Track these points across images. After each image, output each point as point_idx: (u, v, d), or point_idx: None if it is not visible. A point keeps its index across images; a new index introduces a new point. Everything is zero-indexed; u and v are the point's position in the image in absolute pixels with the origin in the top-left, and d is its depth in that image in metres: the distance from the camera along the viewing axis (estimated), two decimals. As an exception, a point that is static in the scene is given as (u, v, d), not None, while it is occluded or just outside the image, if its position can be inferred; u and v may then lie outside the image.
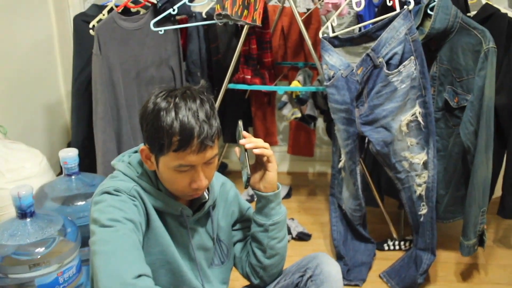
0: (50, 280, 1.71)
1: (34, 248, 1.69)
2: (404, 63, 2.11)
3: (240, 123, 1.50)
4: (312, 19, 2.99)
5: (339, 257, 2.45)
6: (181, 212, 1.42)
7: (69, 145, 3.13)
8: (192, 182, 1.34)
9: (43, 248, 1.69)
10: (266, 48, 2.82)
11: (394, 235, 2.62)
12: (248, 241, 1.60)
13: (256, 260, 1.55)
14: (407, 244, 2.59)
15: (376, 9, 2.68)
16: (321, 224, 2.87)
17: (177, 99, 1.28)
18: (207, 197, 1.49)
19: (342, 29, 2.39)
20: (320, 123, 3.31)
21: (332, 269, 1.51)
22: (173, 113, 1.26)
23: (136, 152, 1.50)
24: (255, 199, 1.50)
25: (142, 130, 1.35)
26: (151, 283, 1.20)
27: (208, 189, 1.51)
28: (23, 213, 1.74)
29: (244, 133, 1.46)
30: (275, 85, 2.94)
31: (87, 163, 2.42)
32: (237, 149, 1.50)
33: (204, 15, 2.83)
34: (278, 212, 1.52)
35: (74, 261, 1.80)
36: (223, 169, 3.48)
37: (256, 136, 3.23)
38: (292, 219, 2.82)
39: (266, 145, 1.45)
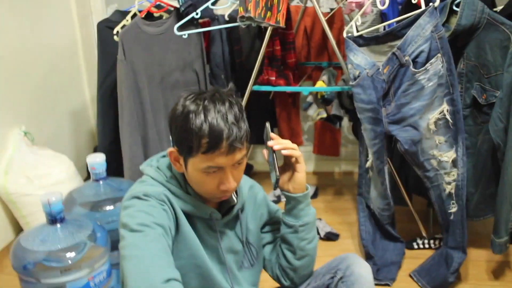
0: (82, 284, 1.73)
1: (65, 253, 1.71)
2: (431, 61, 2.08)
3: (268, 125, 1.50)
4: (335, 19, 2.97)
5: (368, 257, 2.43)
6: (210, 216, 1.42)
7: (95, 150, 3.17)
8: (220, 184, 1.34)
9: (74, 254, 1.71)
10: (289, 49, 2.81)
11: (423, 234, 2.60)
12: (277, 243, 1.60)
13: (286, 261, 1.54)
14: (437, 242, 2.57)
15: (399, 7, 2.65)
16: (349, 224, 2.86)
17: (206, 102, 1.28)
18: (235, 200, 1.49)
19: (365, 28, 2.38)
20: (345, 122, 3.30)
21: (363, 270, 1.50)
22: (202, 116, 1.26)
23: (164, 156, 1.51)
24: (282, 200, 1.49)
25: (171, 133, 1.36)
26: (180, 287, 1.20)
27: (236, 192, 1.51)
28: (53, 219, 1.76)
29: (272, 134, 1.45)
30: (300, 85, 2.93)
31: (114, 167, 2.43)
32: (265, 151, 1.49)
33: (226, 18, 2.83)
34: (308, 213, 1.51)
35: (105, 266, 1.82)
36: (248, 170, 3.48)
37: (282, 137, 3.20)
38: (320, 219, 2.81)
39: (295, 146, 1.44)
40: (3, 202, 2.61)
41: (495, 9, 2.28)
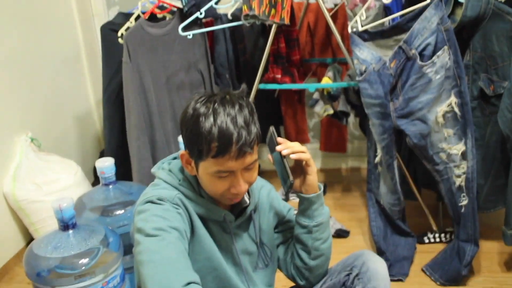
0: (96, 290, 1.73)
1: (79, 259, 1.70)
2: (437, 54, 2.07)
3: (272, 129, 1.47)
4: (338, 14, 2.96)
5: (380, 253, 2.42)
6: (224, 218, 1.41)
7: (101, 154, 3.17)
8: (231, 187, 1.33)
9: (88, 259, 1.71)
10: (293, 46, 2.80)
11: (434, 228, 2.59)
12: (291, 243, 1.59)
13: (301, 261, 1.53)
14: (448, 236, 2.56)
15: (402, 0, 2.64)
16: (359, 220, 2.85)
17: (216, 105, 1.26)
18: (248, 202, 1.48)
19: (368, 22, 2.36)
20: (351, 118, 3.28)
21: (379, 266, 1.50)
22: (211, 119, 1.25)
23: (175, 158, 1.50)
24: (290, 199, 1.46)
25: (182, 135, 1.35)
26: (200, 290, 1.19)
27: (248, 193, 1.49)
28: (66, 225, 1.76)
29: (279, 139, 1.42)
30: (305, 82, 2.92)
31: (122, 171, 2.43)
32: (269, 156, 1.48)
33: (229, 17, 2.82)
34: (321, 213, 1.51)
35: (118, 270, 1.82)
36: (255, 169, 3.46)
37: (288, 134, 3.21)
38: (330, 216, 2.80)
39: (303, 148, 1.42)
40: (11, 210, 2.60)
41: None
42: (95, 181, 3.13)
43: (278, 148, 1.40)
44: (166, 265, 1.19)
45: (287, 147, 1.40)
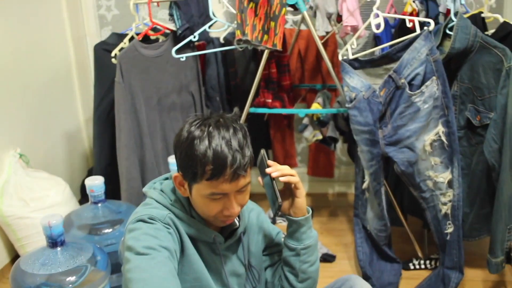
0: (83, 309, 1.72)
1: (66, 277, 1.70)
2: (426, 84, 2.12)
3: (263, 152, 1.50)
4: (329, 42, 3.01)
5: (365, 278, 2.43)
6: (214, 239, 1.42)
7: (89, 172, 3.16)
8: (224, 209, 1.34)
9: (75, 277, 1.70)
10: (284, 71, 2.84)
11: (419, 254, 2.61)
12: (279, 266, 1.60)
13: (288, 284, 1.54)
14: (433, 262, 2.58)
15: (392, 30, 2.69)
16: (345, 245, 2.86)
17: (210, 128, 1.28)
18: (238, 224, 1.50)
19: (358, 50, 2.41)
20: (338, 144, 3.31)
21: (365, 292, 1.51)
22: (206, 142, 1.27)
23: (167, 179, 1.51)
24: (277, 222, 1.48)
25: (176, 158, 1.37)
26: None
27: (238, 215, 1.51)
28: (54, 242, 1.76)
29: (269, 162, 1.45)
30: (294, 108, 2.95)
31: (110, 189, 2.43)
32: (260, 179, 1.50)
33: (221, 41, 2.85)
34: (309, 236, 1.52)
35: (105, 289, 1.82)
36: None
37: (276, 158, 3.23)
38: (316, 240, 2.81)
39: (293, 172, 1.44)
40: (-2, 225, 2.59)
41: (486, 33, 2.32)
42: (82, 198, 3.13)
43: (268, 170, 1.42)
44: (155, 283, 1.19)
45: (277, 169, 1.42)
